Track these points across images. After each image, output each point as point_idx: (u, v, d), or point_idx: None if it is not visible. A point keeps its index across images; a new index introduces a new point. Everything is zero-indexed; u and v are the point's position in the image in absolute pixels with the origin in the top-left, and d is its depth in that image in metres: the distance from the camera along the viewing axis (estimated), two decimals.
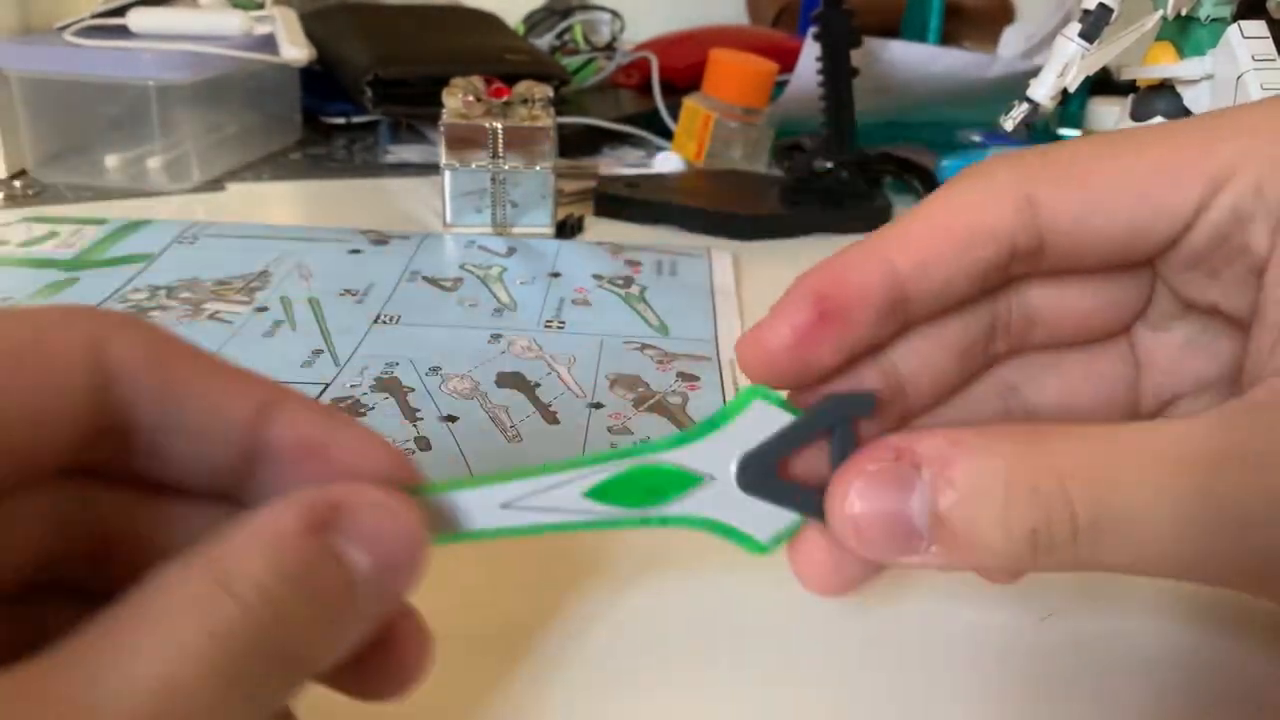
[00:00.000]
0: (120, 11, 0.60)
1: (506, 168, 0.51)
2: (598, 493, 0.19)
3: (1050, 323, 0.22)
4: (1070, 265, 0.20)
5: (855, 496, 0.19)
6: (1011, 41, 0.82)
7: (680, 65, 0.76)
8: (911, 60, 0.66)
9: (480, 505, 0.19)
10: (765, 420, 0.20)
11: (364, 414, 0.33)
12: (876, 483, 0.19)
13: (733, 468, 0.20)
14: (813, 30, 0.57)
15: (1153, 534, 0.17)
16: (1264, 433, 0.18)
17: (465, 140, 0.51)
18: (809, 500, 0.20)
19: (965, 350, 0.22)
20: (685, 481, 0.20)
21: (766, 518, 0.21)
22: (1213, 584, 0.19)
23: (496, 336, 0.40)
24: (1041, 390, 0.23)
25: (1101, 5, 0.40)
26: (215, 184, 0.60)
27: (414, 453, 0.31)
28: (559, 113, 0.55)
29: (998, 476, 0.18)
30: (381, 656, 0.18)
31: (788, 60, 0.65)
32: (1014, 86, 0.46)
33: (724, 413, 0.20)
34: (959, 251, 0.19)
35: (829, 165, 0.56)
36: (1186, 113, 0.39)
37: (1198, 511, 0.17)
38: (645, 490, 0.20)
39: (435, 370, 0.37)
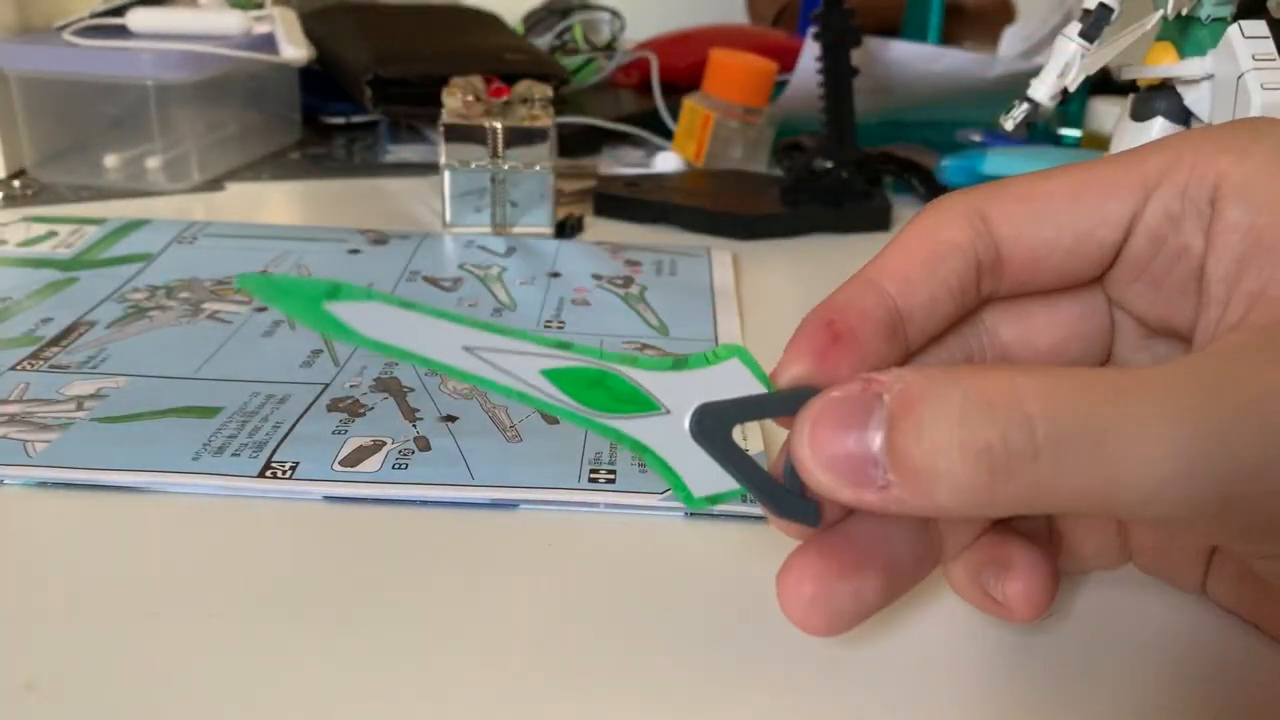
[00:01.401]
0: (119, 11, 0.60)
1: (506, 168, 0.51)
2: (556, 376, 0.19)
3: (1019, 360, 0.24)
4: (1030, 278, 0.22)
5: (815, 420, 0.19)
6: (1012, 41, 0.82)
7: (680, 65, 0.76)
8: (912, 60, 0.66)
9: (444, 339, 0.18)
10: (736, 381, 0.20)
11: (363, 414, 0.33)
12: (839, 408, 0.19)
13: (689, 412, 0.20)
14: (813, 30, 0.57)
15: (1124, 453, 0.17)
16: (1231, 370, 0.18)
17: (465, 140, 0.50)
18: (755, 476, 0.20)
19: None
20: (642, 404, 0.20)
21: (708, 475, 0.20)
22: (1182, 521, 0.18)
23: None
24: None
25: (1102, 5, 0.40)
26: (214, 184, 0.60)
27: (413, 452, 0.31)
28: (559, 112, 0.55)
29: (954, 397, 0.17)
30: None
31: (788, 60, 0.65)
32: (1014, 86, 0.46)
33: (700, 357, 0.20)
34: (931, 266, 0.21)
35: (829, 165, 0.56)
36: (1187, 112, 0.39)
37: (1177, 430, 0.17)
38: (601, 395, 0.19)
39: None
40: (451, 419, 0.33)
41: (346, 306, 0.17)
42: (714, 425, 0.20)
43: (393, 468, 0.30)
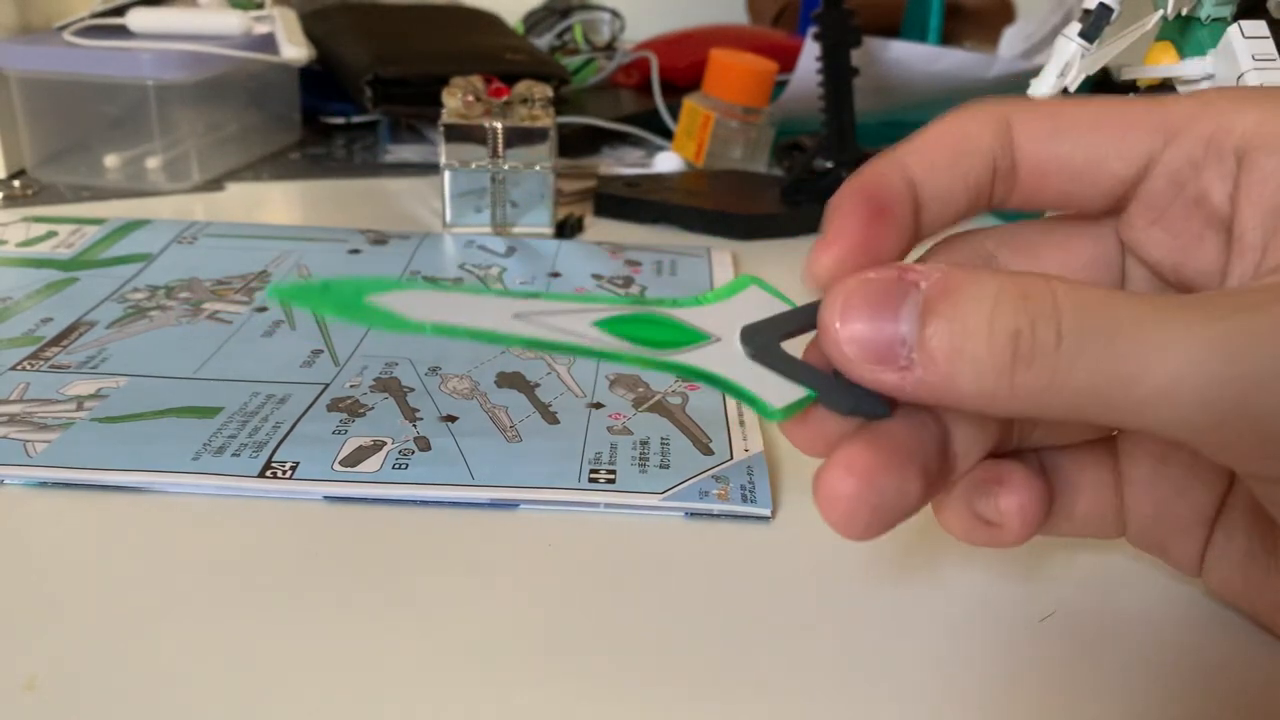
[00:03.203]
0: (119, 11, 0.60)
1: (506, 168, 0.51)
2: (608, 326, 0.20)
3: None
4: (1035, 192, 0.22)
5: (847, 298, 0.19)
6: (1012, 41, 0.82)
7: (680, 65, 0.76)
8: (912, 60, 0.66)
9: (494, 311, 0.19)
10: (761, 304, 0.21)
11: (363, 414, 0.33)
12: (871, 289, 0.19)
13: (737, 334, 0.21)
14: (813, 30, 0.57)
15: (1139, 347, 0.17)
16: (1269, 295, 0.18)
17: (465, 140, 0.50)
18: (818, 378, 0.21)
19: None
20: (692, 336, 0.20)
21: (777, 387, 0.21)
22: (1190, 427, 0.18)
23: None
24: None
25: (1102, 5, 0.40)
26: (215, 184, 0.60)
27: (413, 452, 0.31)
28: (559, 112, 0.55)
29: (991, 286, 0.19)
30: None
31: (788, 60, 0.65)
32: (1014, 86, 0.46)
33: (719, 291, 0.21)
34: (954, 159, 0.22)
35: (829, 165, 0.56)
36: None
37: (1196, 331, 0.17)
38: (654, 335, 0.20)
39: (434, 370, 0.37)
40: (451, 419, 0.33)
41: (393, 298, 0.18)
42: (764, 341, 0.21)
43: (393, 468, 0.30)
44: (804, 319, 0.21)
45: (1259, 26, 0.37)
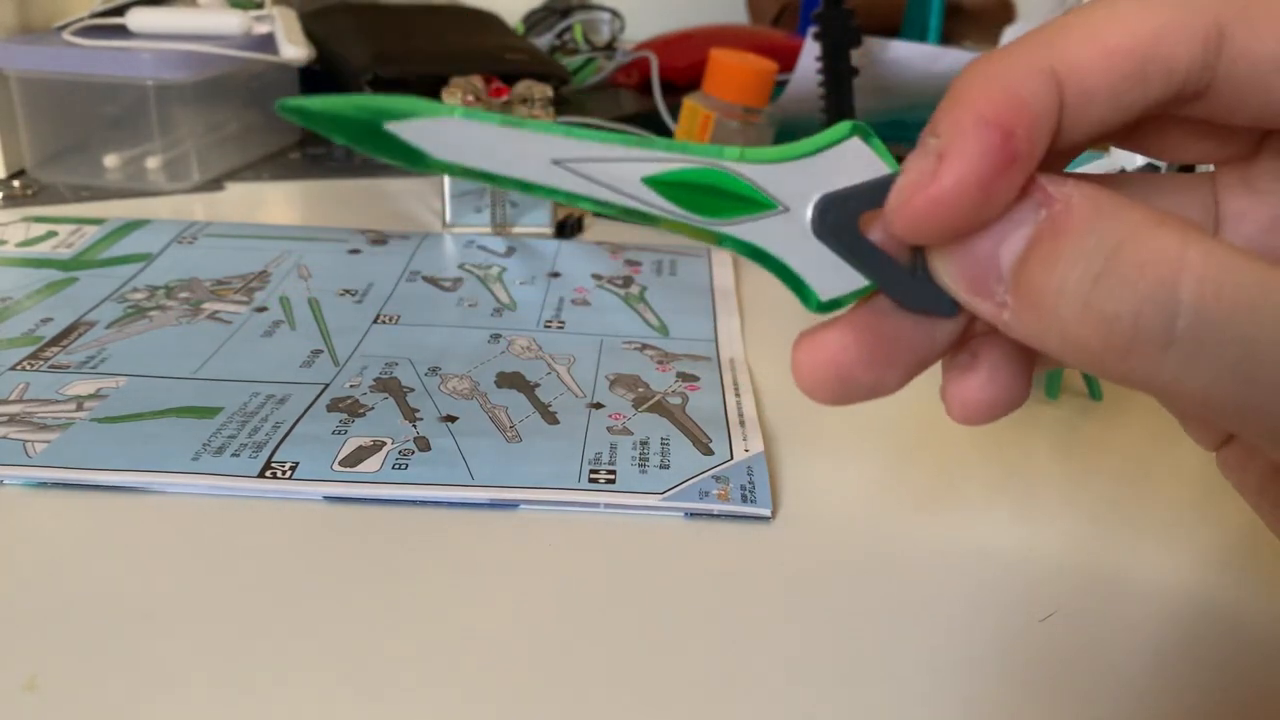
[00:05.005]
0: (119, 11, 0.60)
1: None
2: (659, 183, 0.17)
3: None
4: (1210, 119, 0.17)
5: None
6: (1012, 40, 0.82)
7: (680, 65, 0.76)
8: (912, 60, 0.66)
9: (530, 153, 0.16)
10: (858, 163, 0.18)
11: (363, 414, 0.33)
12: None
13: (811, 205, 0.18)
14: (813, 30, 0.57)
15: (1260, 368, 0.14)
16: None
17: None
18: (889, 270, 0.18)
19: None
20: (756, 204, 0.18)
21: (833, 273, 0.18)
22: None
23: (496, 336, 0.40)
24: None
25: None
26: (214, 184, 0.60)
27: (413, 452, 0.31)
28: (559, 112, 0.55)
29: (1107, 241, 0.15)
30: None
31: (788, 60, 0.65)
32: None
33: (815, 142, 0.18)
34: (1128, 84, 0.16)
35: None
36: None
37: None
38: (710, 198, 0.18)
39: (434, 370, 0.37)
40: (451, 419, 0.33)
41: (413, 126, 0.16)
42: (839, 218, 0.18)
43: (393, 468, 0.30)
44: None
45: None
